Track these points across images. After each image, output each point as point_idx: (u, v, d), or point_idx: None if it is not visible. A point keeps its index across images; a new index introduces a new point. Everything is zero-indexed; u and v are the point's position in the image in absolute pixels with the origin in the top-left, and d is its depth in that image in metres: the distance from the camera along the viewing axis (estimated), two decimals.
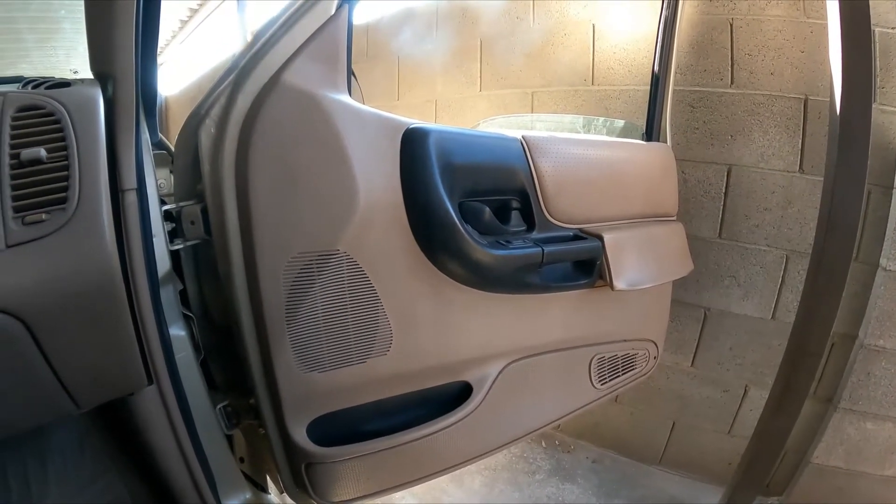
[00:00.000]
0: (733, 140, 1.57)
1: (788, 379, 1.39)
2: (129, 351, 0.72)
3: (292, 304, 0.85)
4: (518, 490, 1.75)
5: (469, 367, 1.07)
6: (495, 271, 0.99)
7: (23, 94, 0.68)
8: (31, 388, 0.65)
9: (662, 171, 1.37)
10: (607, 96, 1.74)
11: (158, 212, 0.84)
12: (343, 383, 0.93)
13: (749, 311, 1.64)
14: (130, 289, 0.71)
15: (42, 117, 0.66)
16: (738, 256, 1.62)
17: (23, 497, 0.79)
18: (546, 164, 1.08)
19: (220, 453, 0.97)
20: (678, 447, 1.86)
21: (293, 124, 0.81)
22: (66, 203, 0.63)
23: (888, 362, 1.46)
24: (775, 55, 1.50)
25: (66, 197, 0.64)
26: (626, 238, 1.20)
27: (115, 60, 0.71)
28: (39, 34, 2.49)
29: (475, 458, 1.13)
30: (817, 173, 1.47)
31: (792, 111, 1.50)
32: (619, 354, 1.34)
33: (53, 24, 2.48)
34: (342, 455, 0.94)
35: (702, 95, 1.59)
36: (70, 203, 0.64)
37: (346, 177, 0.84)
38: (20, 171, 0.63)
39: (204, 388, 0.94)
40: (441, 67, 2.18)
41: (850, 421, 1.53)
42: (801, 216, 1.53)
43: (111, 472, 0.89)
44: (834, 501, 1.61)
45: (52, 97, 0.68)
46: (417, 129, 0.92)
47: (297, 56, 0.80)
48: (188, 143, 0.88)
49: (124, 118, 0.72)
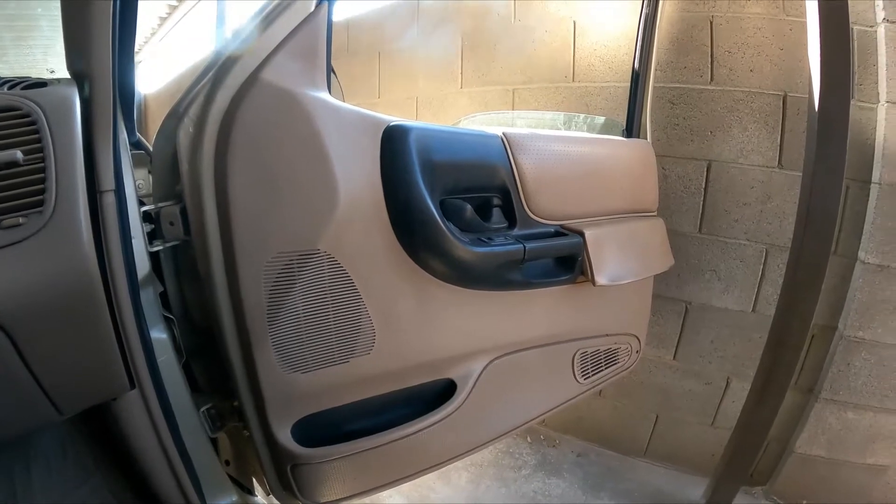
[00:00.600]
0: (713, 136, 1.59)
1: (770, 371, 1.41)
2: (110, 355, 0.71)
3: (273, 305, 0.84)
4: (504, 486, 1.76)
5: (453, 365, 1.07)
6: (477, 268, 0.99)
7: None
8: (11, 396, 0.64)
9: (643, 167, 1.38)
10: (588, 93, 1.75)
11: (137, 213, 0.83)
12: (327, 383, 0.92)
13: (730, 305, 1.67)
14: (110, 292, 0.70)
15: (18, 118, 0.65)
16: (719, 251, 1.64)
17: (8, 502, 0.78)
18: (527, 161, 1.08)
19: (205, 456, 0.96)
20: (662, 440, 1.89)
21: (272, 123, 0.80)
22: (42, 206, 0.62)
23: (868, 353, 1.49)
24: (755, 52, 1.52)
25: (43, 200, 0.63)
26: (607, 234, 1.21)
27: (92, 59, 0.70)
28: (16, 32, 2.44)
29: (461, 456, 1.14)
30: (796, 168, 1.49)
31: (771, 108, 1.52)
32: (602, 349, 1.35)
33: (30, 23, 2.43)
34: (328, 455, 0.94)
35: (682, 92, 1.60)
36: (47, 206, 0.63)
37: (326, 175, 0.83)
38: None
39: (187, 391, 0.93)
40: (422, 64, 2.17)
41: (832, 411, 1.56)
42: (780, 211, 1.56)
43: (95, 477, 0.88)
44: (817, 490, 1.65)
45: (27, 98, 0.66)
46: (398, 126, 0.92)
47: (276, 53, 0.80)
48: (166, 144, 0.87)
49: (101, 118, 0.71)
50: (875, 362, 1.49)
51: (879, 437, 1.56)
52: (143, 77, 3.75)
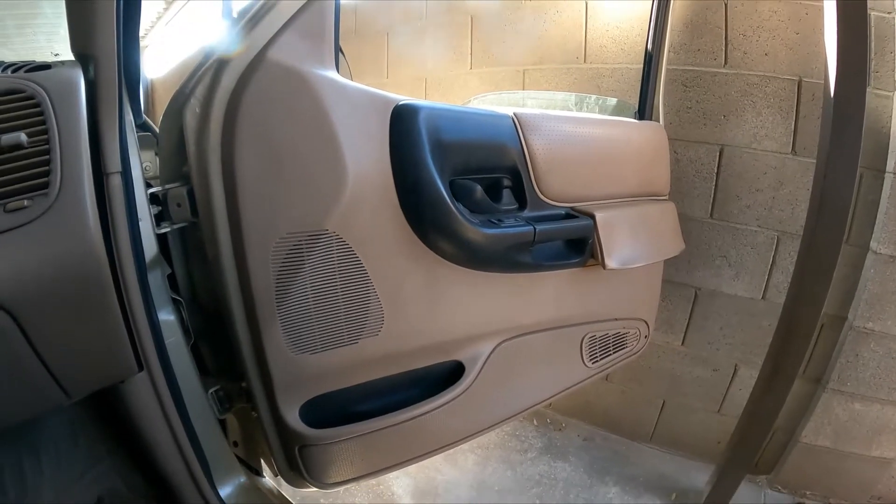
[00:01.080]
0: (726, 120, 1.57)
1: (778, 359, 1.40)
2: (118, 338, 0.71)
3: (282, 286, 0.84)
4: (510, 468, 1.77)
5: (461, 347, 1.07)
6: (487, 250, 0.98)
7: (2, 79, 0.65)
8: (19, 380, 0.63)
9: (655, 151, 1.37)
10: (599, 74, 1.73)
11: (144, 195, 0.82)
12: (335, 365, 0.92)
13: (739, 292, 1.66)
14: (117, 274, 0.70)
15: (22, 101, 0.64)
16: (730, 237, 1.63)
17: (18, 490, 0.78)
18: (538, 142, 1.07)
19: (214, 438, 0.97)
20: (668, 425, 1.89)
21: (279, 102, 0.79)
22: (48, 188, 0.61)
23: (877, 344, 1.48)
24: (770, 36, 1.49)
25: (49, 182, 0.62)
26: (618, 217, 1.20)
27: (97, 40, 0.69)
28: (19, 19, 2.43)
29: (468, 438, 1.14)
30: (809, 155, 1.47)
31: (785, 92, 1.50)
32: (611, 333, 1.35)
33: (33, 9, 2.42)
34: (336, 437, 0.94)
35: (695, 75, 1.58)
36: (52, 188, 0.62)
37: (334, 155, 0.82)
38: (1, 156, 0.61)
39: (195, 373, 0.93)
40: (431, 44, 2.14)
41: (839, 401, 1.56)
42: (792, 198, 1.54)
43: (105, 462, 0.89)
44: (821, 480, 1.65)
45: (31, 80, 0.65)
46: (407, 105, 0.91)
47: (283, 32, 0.78)
48: (173, 125, 0.86)
49: (107, 100, 0.70)
50: (884, 354, 1.48)
51: (886, 430, 1.55)
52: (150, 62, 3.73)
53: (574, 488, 1.69)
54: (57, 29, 2.21)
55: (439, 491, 1.65)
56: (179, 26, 4.08)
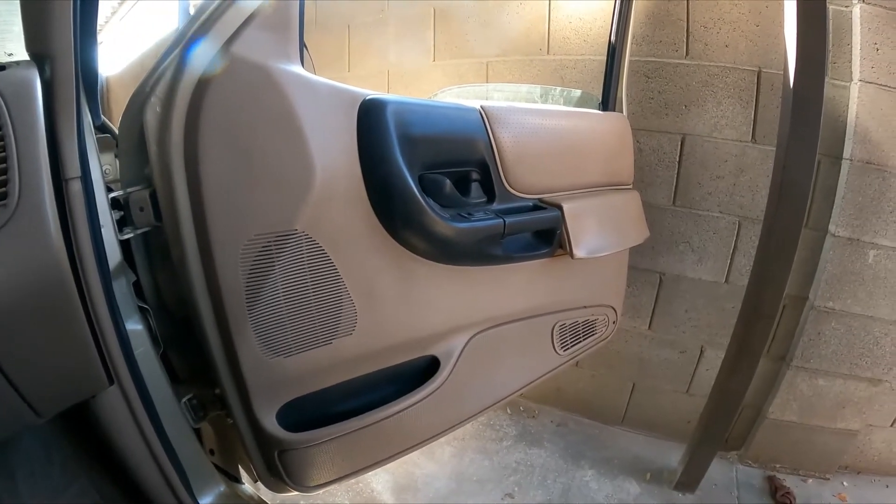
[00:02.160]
0: (687, 110, 1.60)
1: (743, 339, 1.45)
2: (86, 351, 0.69)
3: (252, 289, 0.82)
4: (487, 458, 1.79)
5: (435, 341, 1.07)
6: (458, 244, 0.99)
7: None
8: None
9: (619, 141, 1.39)
10: (563, 66, 1.74)
11: (105, 200, 0.79)
12: (310, 366, 0.91)
13: (703, 276, 1.71)
14: (81, 285, 0.68)
15: None
16: (692, 223, 1.67)
17: None
18: (505, 135, 1.07)
19: (190, 448, 0.95)
20: (639, 407, 1.94)
21: (244, 99, 0.77)
22: (6, 198, 0.59)
23: (837, 322, 1.55)
24: (730, 28, 1.53)
25: (6, 192, 0.59)
26: (585, 207, 1.22)
27: (53, 38, 0.66)
28: None
29: (447, 431, 1.15)
30: (769, 143, 1.52)
31: (745, 83, 1.54)
32: (580, 321, 1.37)
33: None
34: (314, 439, 0.94)
35: (657, 66, 1.60)
36: (11, 197, 0.59)
37: (301, 152, 0.81)
38: None
39: (167, 383, 0.90)
40: (394, 37, 2.12)
41: (803, 378, 1.62)
42: (753, 184, 1.59)
43: (82, 478, 0.86)
44: (790, 454, 1.72)
45: None
46: (375, 100, 0.90)
47: (247, 26, 0.76)
48: (133, 125, 0.83)
49: (64, 101, 0.67)
50: (844, 331, 1.55)
51: (849, 403, 1.63)
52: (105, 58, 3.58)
53: (551, 473, 1.72)
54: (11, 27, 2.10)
55: (419, 485, 1.66)
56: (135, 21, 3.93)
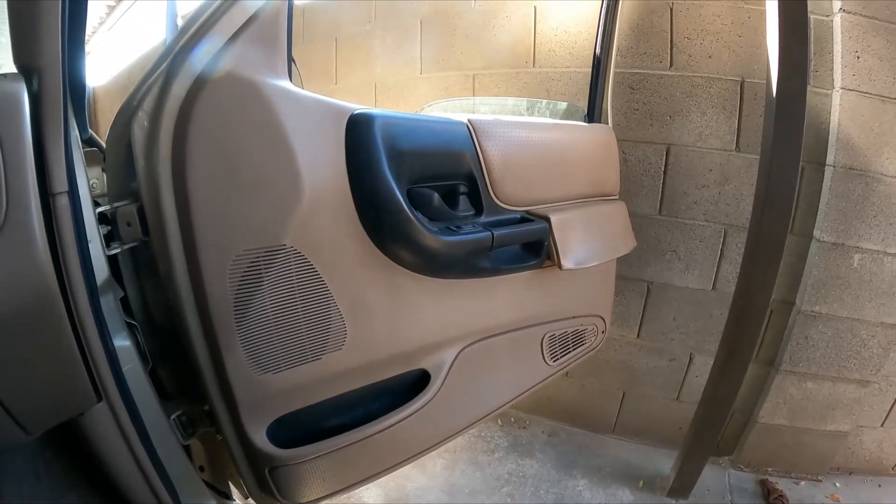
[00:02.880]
0: (672, 120, 1.62)
1: (732, 345, 1.46)
2: (73, 368, 0.69)
3: (240, 305, 0.82)
4: (479, 469, 1.78)
5: (425, 355, 1.07)
6: (446, 257, 0.99)
7: None
8: None
9: (604, 152, 1.40)
10: (549, 78, 1.76)
11: (92, 215, 0.79)
12: (300, 382, 0.91)
13: (690, 283, 1.72)
14: (69, 300, 0.67)
15: None
16: (679, 232, 1.69)
17: None
18: (492, 148, 1.08)
19: (180, 465, 0.93)
20: (630, 415, 1.94)
21: (232, 114, 0.77)
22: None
23: (824, 326, 1.57)
24: (714, 39, 1.55)
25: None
26: (572, 218, 1.23)
27: (41, 51, 0.65)
28: None
29: (438, 444, 1.15)
30: (753, 152, 1.54)
31: (729, 93, 1.57)
32: (570, 331, 1.38)
33: None
34: (306, 455, 0.93)
35: (642, 77, 1.63)
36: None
37: (289, 167, 0.81)
38: None
39: (156, 399, 0.90)
40: (380, 50, 2.13)
41: (792, 382, 1.64)
42: (737, 192, 1.61)
43: (71, 496, 0.85)
44: (781, 457, 1.73)
45: None
46: (362, 114, 0.90)
47: (235, 40, 0.76)
48: (120, 139, 0.83)
49: (52, 114, 0.66)
50: (832, 335, 1.57)
51: (838, 405, 1.64)
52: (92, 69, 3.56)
53: (543, 483, 1.72)
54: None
55: (410, 498, 1.65)
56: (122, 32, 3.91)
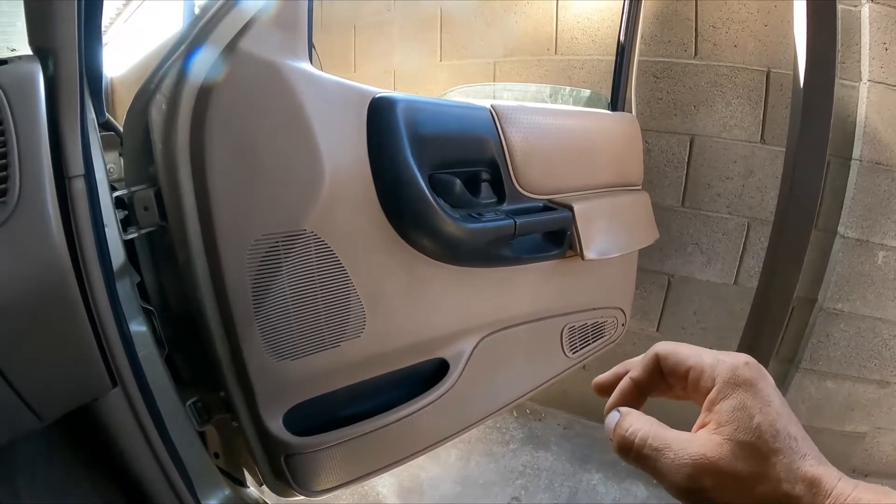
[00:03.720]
0: (696, 110, 1.59)
1: (752, 341, 1.44)
2: (88, 353, 0.67)
3: (259, 290, 0.81)
4: (494, 461, 1.77)
5: (444, 344, 1.06)
6: (468, 245, 0.97)
7: None
8: None
9: (628, 141, 1.38)
10: (571, 66, 1.73)
11: (109, 199, 0.78)
12: (317, 369, 0.90)
13: (712, 277, 1.69)
14: (84, 285, 0.66)
15: None
16: (701, 224, 1.66)
17: None
18: (516, 134, 1.06)
19: (194, 451, 0.93)
20: (646, 410, 1.89)
21: (252, 96, 0.76)
22: (6, 195, 0.57)
23: (846, 324, 1.53)
24: (739, 28, 1.51)
25: (7, 188, 0.58)
26: (595, 208, 1.20)
27: (57, 33, 0.64)
28: None
29: (455, 435, 1.14)
30: (778, 144, 1.50)
31: (754, 83, 1.53)
32: (589, 323, 1.36)
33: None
34: (322, 443, 0.92)
35: (666, 66, 1.59)
36: (11, 194, 0.57)
37: (310, 151, 0.79)
38: None
39: (171, 386, 0.89)
40: (399, 37, 2.11)
41: (811, 380, 1.60)
42: (761, 185, 1.57)
43: (85, 483, 0.85)
44: None
45: None
46: (385, 98, 0.88)
47: (256, 22, 0.75)
48: (138, 122, 0.81)
49: (68, 97, 0.65)
50: (853, 333, 1.53)
51: (857, 406, 1.61)
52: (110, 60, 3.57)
53: (558, 477, 1.70)
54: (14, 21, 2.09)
55: (424, 488, 1.64)
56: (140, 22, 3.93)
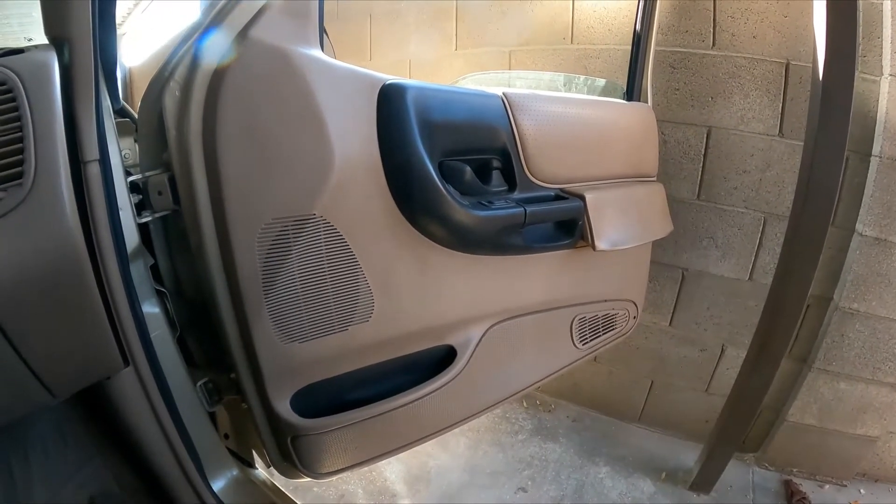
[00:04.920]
0: (713, 102, 1.56)
1: (765, 339, 1.42)
2: (101, 333, 0.69)
3: (269, 274, 0.82)
4: (502, 451, 1.78)
5: (452, 331, 1.06)
6: (478, 232, 0.97)
7: None
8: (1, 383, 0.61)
9: (643, 132, 1.36)
10: (587, 55, 1.71)
11: (124, 183, 0.79)
12: (325, 353, 0.91)
13: (726, 272, 1.67)
14: (98, 267, 0.68)
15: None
16: (717, 218, 1.64)
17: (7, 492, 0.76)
18: (527, 123, 1.05)
19: (204, 432, 0.95)
20: (656, 405, 1.91)
21: (263, 83, 0.76)
22: (22, 178, 0.59)
23: (861, 325, 1.50)
24: (758, 18, 1.48)
25: (23, 172, 0.59)
26: (608, 198, 1.19)
27: (71, 22, 0.66)
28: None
29: (462, 422, 1.14)
30: (796, 138, 1.47)
31: (773, 75, 1.50)
32: (600, 314, 1.35)
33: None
34: (328, 426, 0.93)
35: (683, 56, 1.57)
36: (27, 178, 0.59)
37: (320, 137, 0.80)
38: None
39: (182, 366, 0.91)
40: (415, 26, 2.10)
41: (824, 381, 1.58)
42: (779, 179, 1.54)
43: (95, 459, 0.87)
44: (807, 458, 1.68)
45: (2, 65, 0.62)
46: (395, 84, 0.88)
47: (267, 10, 0.75)
48: (152, 109, 0.82)
49: (83, 84, 0.67)
50: (868, 334, 1.51)
51: (870, 409, 1.58)
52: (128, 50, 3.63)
53: (565, 469, 1.71)
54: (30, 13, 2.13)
55: (431, 475, 1.66)
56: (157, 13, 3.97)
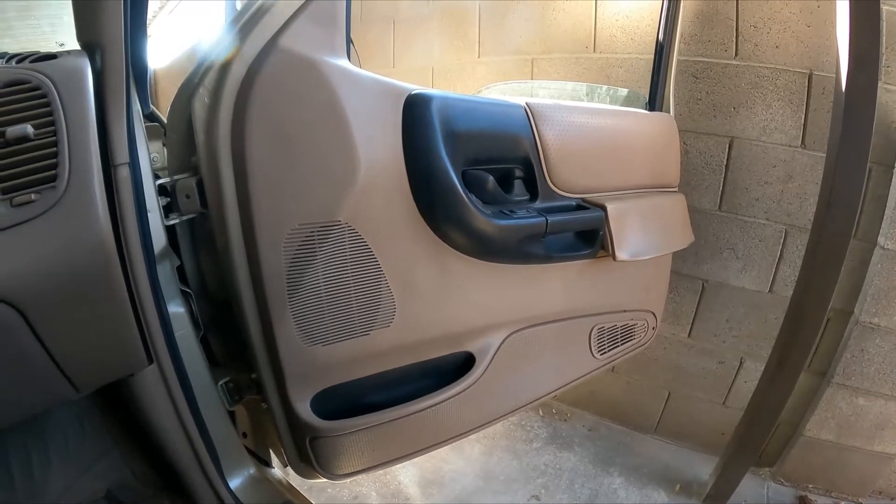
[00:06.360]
0: (736, 112, 1.55)
1: (784, 352, 1.40)
2: (127, 331, 0.71)
3: (293, 278, 0.83)
4: (516, 458, 1.78)
5: (472, 338, 1.07)
6: (499, 241, 0.98)
7: (6, 69, 0.64)
8: (28, 377, 0.63)
9: (665, 142, 1.36)
10: (609, 64, 1.71)
11: (153, 186, 0.81)
12: (346, 356, 0.92)
13: (746, 284, 1.65)
14: (126, 267, 0.69)
15: (27, 92, 0.63)
16: (738, 229, 1.62)
17: (26, 481, 0.78)
18: (550, 132, 1.06)
19: (223, 430, 0.96)
20: (673, 417, 1.89)
21: (291, 91, 0.78)
22: (56, 181, 0.61)
23: (882, 340, 1.47)
24: (781, 28, 1.47)
25: (56, 175, 0.61)
26: (629, 208, 1.19)
27: (103, 29, 0.68)
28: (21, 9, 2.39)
29: (478, 429, 1.14)
30: (819, 149, 1.45)
31: (796, 86, 1.48)
32: (619, 325, 1.34)
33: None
34: (346, 428, 0.94)
35: (705, 66, 1.56)
36: (60, 181, 0.61)
37: (346, 145, 0.81)
38: (7, 149, 0.60)
39: (205, 366, 0.93)
40: (438, 33, 2.11)
41: (843, 396, 1.55)
42: (801, 191, 1.52)
43: (114, 452, 0.89)
44: (823, 474, 1.65)
45: (37, 70, 0.64)
46: (420, 94, 0.90)
47: (295, 19, 0.77)
48: (181, 114, 0.85)
49: (114, 89, 0.69)
50: (889, 349, 1.48)
51: (889, 425, 1.55)
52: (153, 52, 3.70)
53: (579, 478, 1.70)
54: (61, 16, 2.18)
55: (445, 480, 1.66)
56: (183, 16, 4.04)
